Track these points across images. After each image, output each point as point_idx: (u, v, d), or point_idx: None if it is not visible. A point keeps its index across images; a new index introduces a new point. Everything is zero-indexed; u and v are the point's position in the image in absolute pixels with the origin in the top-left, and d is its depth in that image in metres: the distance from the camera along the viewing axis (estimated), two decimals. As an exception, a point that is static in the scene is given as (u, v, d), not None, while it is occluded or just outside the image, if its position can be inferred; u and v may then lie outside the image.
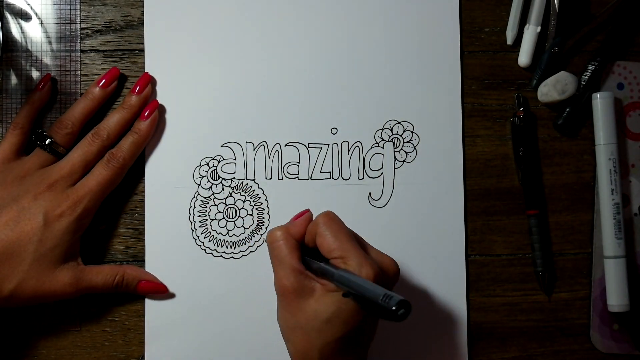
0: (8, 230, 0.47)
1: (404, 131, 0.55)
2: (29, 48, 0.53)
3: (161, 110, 0.53)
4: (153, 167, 0.53)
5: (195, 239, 0.53)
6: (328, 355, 0.45)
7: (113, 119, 0.52)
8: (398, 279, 0.48)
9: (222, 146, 0.54)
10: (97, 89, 0.52)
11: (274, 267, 0.47)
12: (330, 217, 0.47)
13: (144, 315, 0.53)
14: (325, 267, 0.45)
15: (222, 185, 0.54)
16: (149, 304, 0.53)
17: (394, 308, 0.37)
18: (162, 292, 0.52)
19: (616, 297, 0.54)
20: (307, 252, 0.48)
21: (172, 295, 0.53)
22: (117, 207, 0.53)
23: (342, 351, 0.45)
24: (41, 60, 0.53)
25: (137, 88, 0.52)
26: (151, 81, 0.53)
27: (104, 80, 0.52)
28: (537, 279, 0.56)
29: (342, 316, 0.44)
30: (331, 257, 0.45)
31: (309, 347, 0.45)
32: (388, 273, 0.46)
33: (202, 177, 0.54)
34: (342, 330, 0.44)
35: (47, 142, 0.50)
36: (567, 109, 0.56)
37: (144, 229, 0.53)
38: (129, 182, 0.53)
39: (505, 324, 0.56)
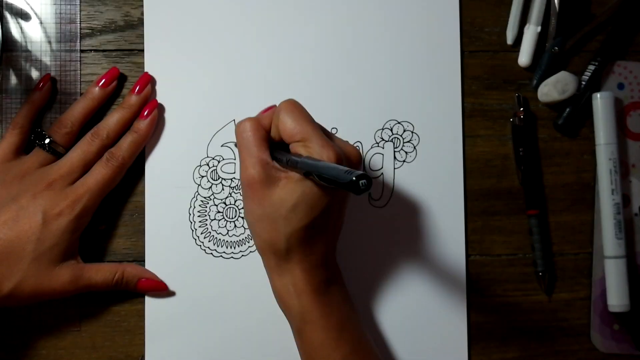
0: (7, 229, 0.47)
1: (404, 131, 0.55)
2: (29, 48, 0.53)
3: (161, 109, 0.54)
4: (153, 167, 0.53)
5: (195, 239, 0.53)
6: (294, 243, 0.45)
7: (113, 119, 0.52)
8: (361, 167, 0.48)
9: (222, 146, 0.54)
10: (97, 88, 0.52)
11: (241, 157, 0.46)
12: (291, 103, 0.46)
13: (144, 315, 0.53)
14: (290, 156, 0.44)
15: (222, 185, 0.54)
16: (149, 304, 0.53)
17: (354, 179, 0.37)
18: (162, 290, 0.52)
19: (616, 297, 0.54)
20: (276, 147, 0.47)
21: (172, 295, 0.53)
22: (117, 206, 0.53)
23: (309, 238, 0.45)
24: (41, 60, 0.53)
25: (137, 88, 0.52)
26: (151, 81, 0.53)
27: (103, 80, 0.52)
28: (537, 279, 0.56)
29: (308, 201, 0.44)
30: (293, 142, 0.45)
31: (276, 236, 0.45)
32: (351, 158, 0.46)
33: (202, 177, 0.54)
34: (309, 216, 0.44)
35: (46, 141, 0.50)
36: (568, 109, 0.56)
37: (144, 229, 0.53)
38: (129, 181, 0.53)
39: (505, 324, 0.56)
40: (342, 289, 0.49)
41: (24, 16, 0.53)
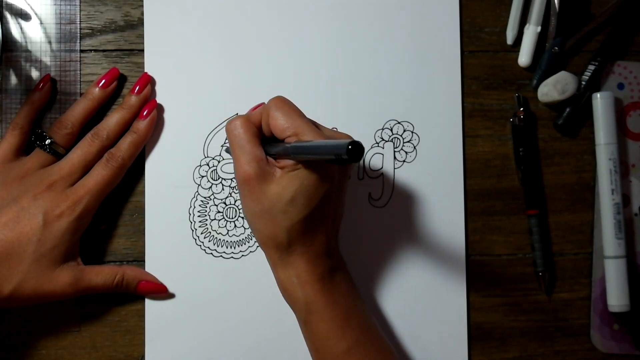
0: (7, 230, 0.47)
1: (404, 131, 0.55)
2: (29, 48, 0.53)
3: (160, 109, 0.54)
4: (153, 167, 0.53)
5: (195, 239, 0.53)
6: (295, 236, 0.45)
7: (113, 119, 0.52)
8: None
9: (222, 146, 0.54)
10: (97, 89, 0.52)
11: (234, 156, 0.46)
12: (281, 99, 0.46)
13: (144, 315, 0.53)
14: (281, 145, 0.44)
15: (222, 185, 0.54)
16: (149, 304, 0.53)
17: (349, 147, 0.36)
18: (162, 293, 0.53)
19: (616, 297, 0.54)
20: (268, 142, 0.47)
21: (172, 296, 0.53)
22: (117, 207, 0.53)
23: (310, 229, 0.45)
24: (41, 60, 0.53)
25: (137, 88, 0.52)
26: (151, 81, 0.53)
27: (103, 81, 0.52)
28: (537, 279, 0.56)
29: (305, 192, 0.44)
30: (285, 137, 0.45)
31: (276, 230, 0.45)
32: None
33: (202, 177, 0.54)
34: (307, 207, 0.44)
35: (46, 142, 0.50)
36: (567, 109, 0.56)
37: (144, 229, 0.53)
38: (129, 182, 0.53)
39: (505, 324, 0.56)
40: (346, 277, 0.49)
41: (24, 16, 0.53)
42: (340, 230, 0.50)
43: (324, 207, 0.45)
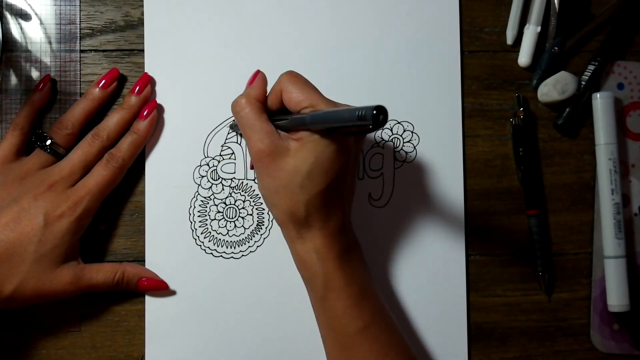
0: (8, 231, 0.47)
1: (404, 131, 0.55)
2: (29, 48, 0.53)
3: (160, 110, 0.54)
4: (153, 167, 0.53)
5: (195, 239, 0.53)
6: (313, 210, 0.45)
7: (113, 120, 0.52)
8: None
9: (222, 146, 0.54)
10: (97, 89, 0.52)
11: (245, 135, 0.46)
12: (294, 73, 0.46)
13: (144, 316, 0.53)
14: (296, 116, 0.44)
15: (222, 185, 0.54)
16: (149, 304, 0.53)
17: (374, 112, 0.36)
18: (162, 289, 0.53)
19: (616, 297, 0.54)
20: (272, 115, 0.47)
21: (172, 295, 0.53)
22: (117, 207, 0.53)
23: (327, 204, 0.45)
24: (41, 60, 0.53)
25: (137, 88, 0.52)
26: (151, 81, 0.53)
27: (103, 81, 0.52)
28: (537, 279, 0.56)
29: (322, 165, 0.44)
30: (300, 109, 0.45)
31: (294, 205, 0.45)
32: None
33: (202, 177, 0.54)
34: (325, 180, 0.44)
35: (47, 142, 0.50)
36: (567, 109, 0.56)
37: (144, 229, 0.53)
38: (129, 182, 0.53)
39: (505, 324, 0.56)
40: (361, 256, 0.49)
41: (24, 16, 0.53)
42: (354, 195, 0.50)
43: (341, 180, 0.45)
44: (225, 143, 0.54)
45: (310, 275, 0.47)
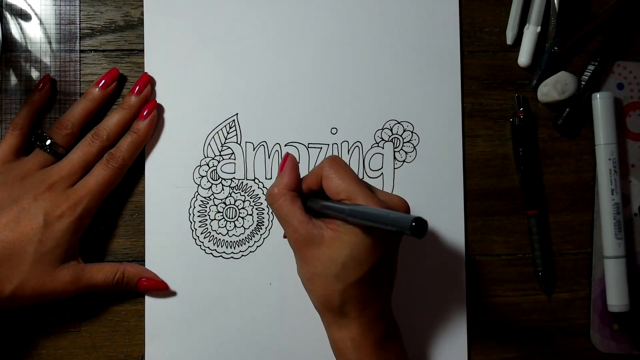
0: (8, 231, 0.47)
1: (404, 131, 0.55)
2: (29, 48, 0.53)
3: (160, 110, 0.54)
4: (153, 167, 0.53)
5: (195, 239, 0.53)
6: (348, 299, 0.45)
7: (112, 120, 0.52)
8: None
9: (222, 146, 0.54)
10: (97, 89, 0.52)
11: (282, 225, 0.46)
12: (336, 160, 0.46)
13: (144, 315, 0.53)
14: (336, 205, 0.44)
15: (222, 185, 0.54)
16: (149, 304, 0.53)
17: (414, 224, 0.36)
18: (162, 289, 0.53)
19: (616, 297, 0.54)
20: (307, 197, 0.47)
21: (172, 295, 0.53)
22: (117, 207, 0.53)
23: (363, 293, 0.45)
24: (41, 60, 0.53)
25: (137, 88, 0.52)
26: (150, 81, 0.53)
27: (103, 81, 0.52)
28: (537, 279, 0.56)
29: (357, 258, 0.44)
30: (339, 199, 0.45)
31: (330, 294, 0.45)
32: (399, 210, 0.46)
33: (202, 177, 0.54)
34: (359, 272, 0.44)
35: (47, 142, 0.50)
36: (567, 109, 0.56)
37: (144, 229, 0.53)
38: (129, 182, 0.53)
39: (505, 324, 0.56)
40: (399, 344, 0.48)
41: (24, 16, 0.53)
42: (394, 281, 0.49)
43: (377, 271, 0.45)
44: (225, 143, 0.54)
45: None
